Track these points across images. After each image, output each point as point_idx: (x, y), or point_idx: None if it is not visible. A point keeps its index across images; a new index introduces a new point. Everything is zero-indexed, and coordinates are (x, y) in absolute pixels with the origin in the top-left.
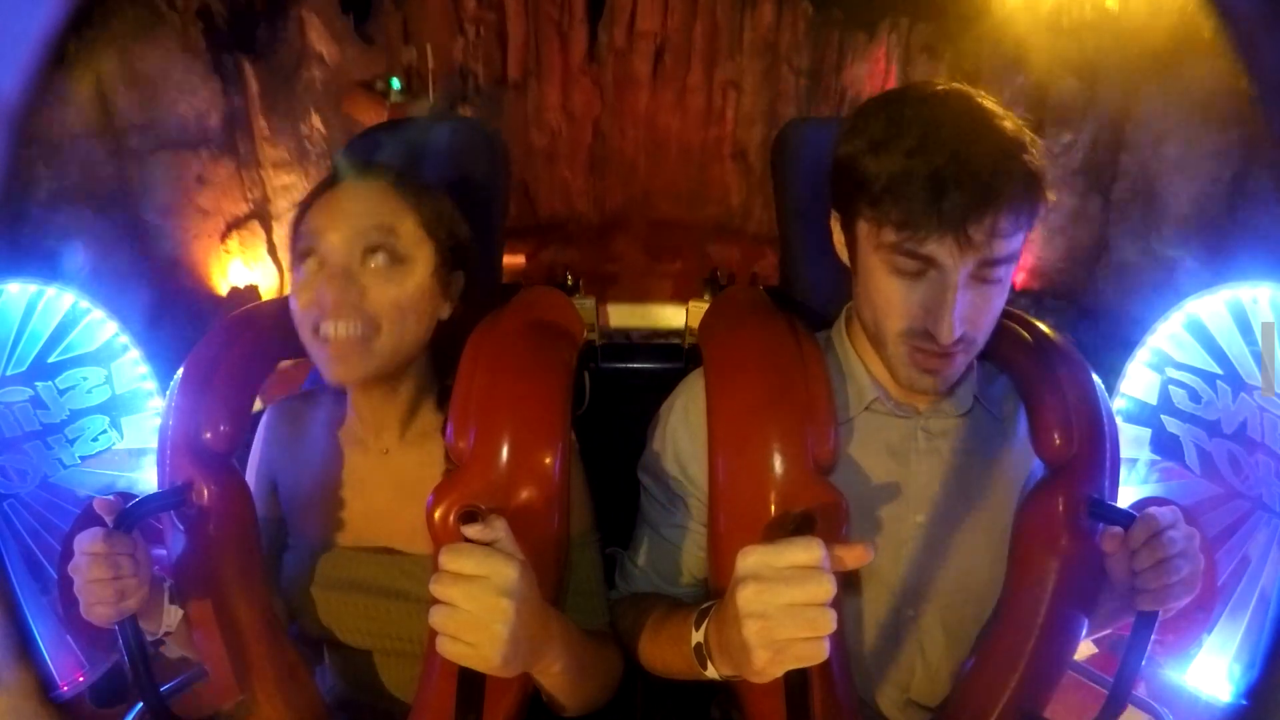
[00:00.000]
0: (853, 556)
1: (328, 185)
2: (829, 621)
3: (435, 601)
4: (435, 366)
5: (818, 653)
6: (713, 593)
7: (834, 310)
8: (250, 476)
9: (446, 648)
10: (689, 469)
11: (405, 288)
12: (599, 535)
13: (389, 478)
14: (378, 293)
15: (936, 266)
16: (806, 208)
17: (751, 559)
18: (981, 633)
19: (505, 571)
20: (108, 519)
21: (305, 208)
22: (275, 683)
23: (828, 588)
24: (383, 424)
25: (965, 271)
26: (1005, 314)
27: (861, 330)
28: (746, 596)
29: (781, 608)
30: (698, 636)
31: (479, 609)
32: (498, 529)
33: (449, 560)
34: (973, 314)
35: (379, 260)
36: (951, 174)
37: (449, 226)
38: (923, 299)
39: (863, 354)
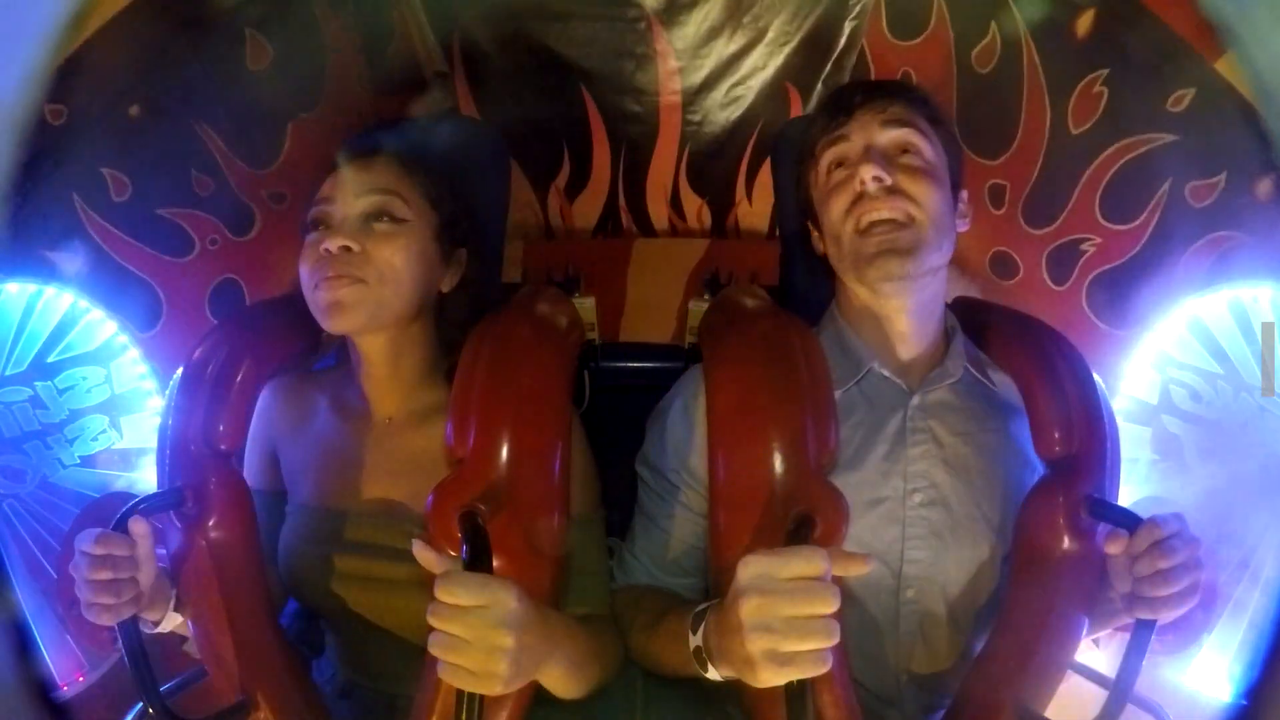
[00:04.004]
0: (852, 567)
1: (333, 170)
2: (833, 633)
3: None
4: (442, 343)
5: (822, 663)
6: (711, 589)
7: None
8: (250, 449)
9: (448, 675)
10: (688, 462)
11: (404, 247)
12: (604, 513)
13: (393, 449)
14: (376, 249)
15: (849, 141)
16: None
17: (754, 569)
18: (983, 629)
19: (504, 600)
20: (137, 531)
21: (313, 193)
22: (275, 683)
23: (831, 600)
24: (386, 394)
25: (876, 139)
26: (1006, 314)
27: (853, 302)
28: (750, 609)
29: (785, 620)
30: (696, 640)
31: (479, 640)
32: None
33: (445, 593)
34: (903, 181)
35: (381, 223)
36: (847, 87)
37: (450, 199)
38: (853, 175)
39: (857, 326)
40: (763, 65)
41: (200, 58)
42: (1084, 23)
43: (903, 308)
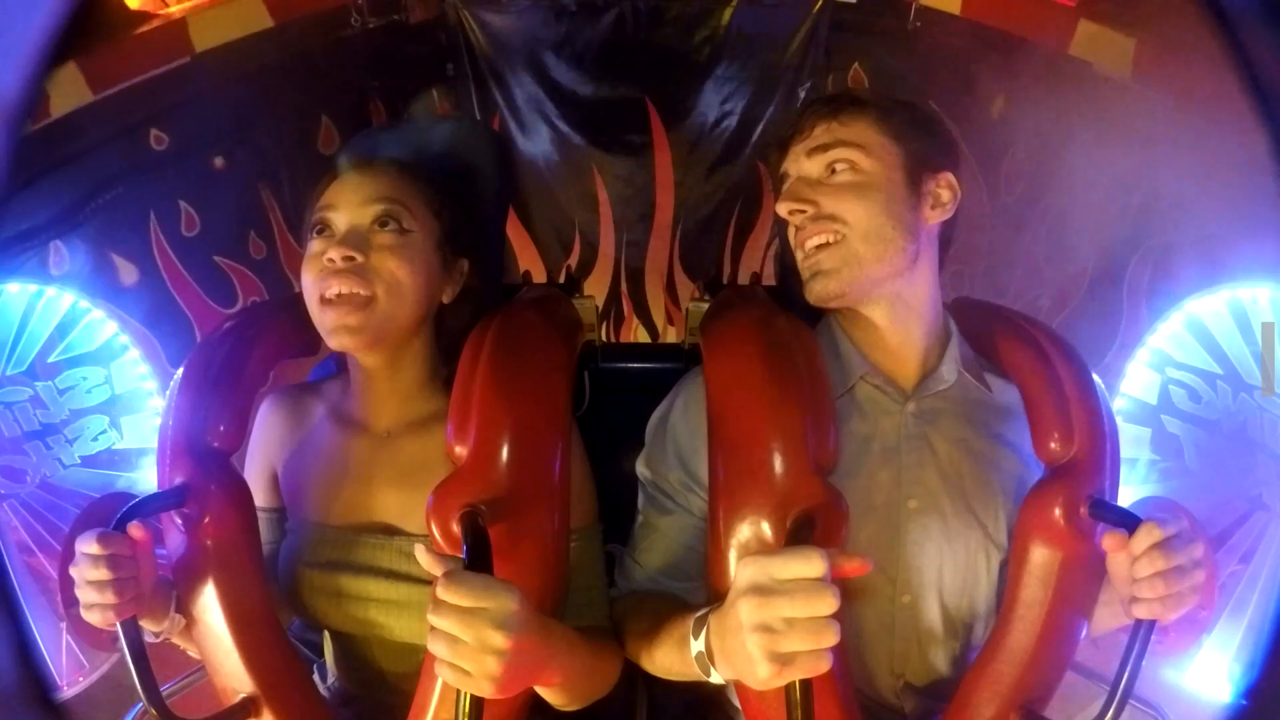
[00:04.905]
0: (851, 567)
1: (335, 175)
2: (833, 634)
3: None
4: (441, 352)
5: (821, 664)
6: (711, 591)
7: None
8: (249, 466)
9: (445, 674)
10: (689, 465)
11: (409, 258)
12: (602, 528)
13: (391, 461)
14: (380, 261)
15: (789, 176)
16: None
17: (753, 569)
18: (979, 635)
19: (505, 602)
20: (135, 535)
21: (315, 197)
22: (275, 683)
23: (831, 601)
24: (384, 405)
25: (803, 170)
26: (1005, 315)
27: (847, 310)
28: (749, 610)
29: (785, 622)
30: (698, 645)
31: (476, 640)
32: None
33: (446, 593)
34: (827, 204)
35: (387, 231)
36: (789, 121)
37: (452, 209)
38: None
39: (849, 332)
40: (738, 145)
41: (279, 129)
42: (997, 106)
43: (879, 317)
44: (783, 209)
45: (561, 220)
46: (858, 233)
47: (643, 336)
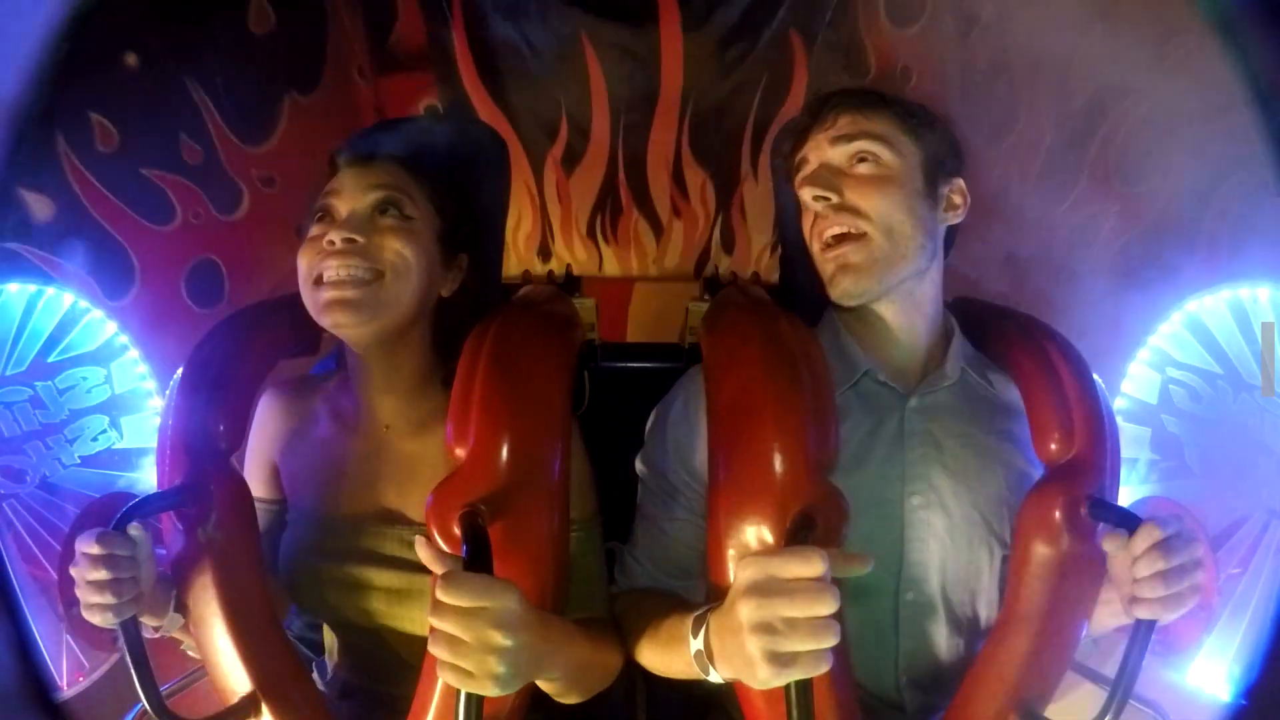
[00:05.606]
0: (852, 567)
1: (336, 169)
2: (833, 634)
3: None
4: (440, 349)
5: (821, 664)
6: (710, 590)
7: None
8: (249, 458)
9: (447, 675)
10: (689, 463)
11: (411, 243)
12: (602, 520)
13: (389, 457)
14: (384, 240)
15: (808, 162)
16: None
17: (753, 569)
18: (983, 631)
19: (504, 602)
20: (134, 534)
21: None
22: (275, 683)
23: (831, 601)
24: (383, 401)
25: (826, 157)
26: (1005, 314)
27: (851, 308)
28: (749, 610)
29: (785, 622)
30: (697, 644)
31: (478, 640)
32: None
33: (446, 594)
34: (851, 195)
35: (388, 216)
36: (806, 106)
37: (453, 205)
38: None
39: (852, 329)
40: (766, 9)
41: (202, 11)
42: None
43: (888, 314)
44: (807, 193)
45: (544, 102)
46: (880, 229)
47: (644, 230)
